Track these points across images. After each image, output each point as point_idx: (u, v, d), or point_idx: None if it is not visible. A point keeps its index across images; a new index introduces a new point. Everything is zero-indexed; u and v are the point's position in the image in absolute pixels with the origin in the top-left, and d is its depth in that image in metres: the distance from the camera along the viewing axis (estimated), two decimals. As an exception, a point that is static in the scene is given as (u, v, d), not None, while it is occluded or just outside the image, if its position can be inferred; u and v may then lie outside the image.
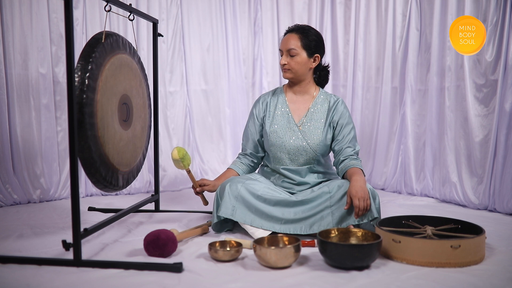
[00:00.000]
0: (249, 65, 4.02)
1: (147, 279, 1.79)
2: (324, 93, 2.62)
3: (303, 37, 2.49)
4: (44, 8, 3.15)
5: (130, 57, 2.46)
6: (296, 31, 2.52)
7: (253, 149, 2.67)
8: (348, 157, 2.45)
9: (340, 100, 2.59)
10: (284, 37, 2.55)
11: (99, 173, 2.12)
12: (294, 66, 2.50)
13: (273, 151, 2.56)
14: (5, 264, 1.93)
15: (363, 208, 2.18)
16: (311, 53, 2.51)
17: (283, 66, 2.52)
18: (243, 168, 2.65)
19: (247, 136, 2.68)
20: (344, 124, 2.53)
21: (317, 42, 2.52)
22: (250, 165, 2.68)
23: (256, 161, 2.69)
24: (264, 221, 2.33)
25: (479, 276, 1.81)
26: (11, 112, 3.07)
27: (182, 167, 2.45)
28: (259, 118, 2.63)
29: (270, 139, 2.56)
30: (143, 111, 2.61)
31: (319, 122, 2.54)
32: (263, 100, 2.66)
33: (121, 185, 2.35)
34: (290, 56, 2.49)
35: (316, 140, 2.50)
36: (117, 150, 2.26)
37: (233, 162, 2.70)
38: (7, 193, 3.07)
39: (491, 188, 2.95)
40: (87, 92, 2.02)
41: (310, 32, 2.52)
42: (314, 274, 1.85)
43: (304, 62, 2.51)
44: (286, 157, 2.54)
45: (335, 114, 2.54)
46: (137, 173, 2.57)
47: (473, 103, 3.03)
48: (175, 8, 3.70)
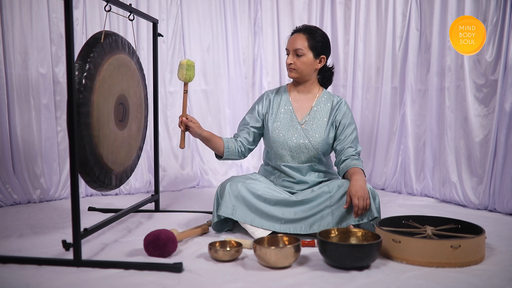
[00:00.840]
0: (249, 65, 4.02)
1: (147, 279, 1.79)
2: (327, 93, 2.63)
3: (310, 38, 2.49)
4: (44, 8, 3.15)
5: (129, 57, 2.46)
6: (304, 31, 2.52)
7: (244, 139, 2.58)
8: (350, 157, 2.46)
9: (343, 101, 2.59)
10: (291, 37, 2.55)
11: (93, 173, 2.12)
12: (300, 66, 2.50)
13: (274, 148, 2.56)
14: (5, 264, 1.93)
15: (363, 207, 2.18)
16: (318, 54, 2.51)
17: (289, 66, 2.52)
18: (231, 144, 2.52)
19: (241, 124, 2.63)
20: (346, 124, 2.53)
21: (324, 43, 2.53)
22: (239, 149, 2.56)
23: (243, 149, 2.58)
24: (264, 221, 2.33)
25: (479, 276, 1.81)
26: (11, 112, 3.08)
27: (184, 76, 2.32)
28: (260, 114, 2.62)
29: (272, 136, 2.55)
30: (139, 111, 2.61)
31: (321, 121, 2.54)
32: (266, 96, 2.65)
33: (114, 185, 2.35)
34: (296, 56, 2.49)
35: (318, 138, 2.51)
36: (112, 150, 2.26)
37: (226, 138, 2.58)
38: (7, 193, 3.07)
39: (491, 188, 2.95)
40: (84, 92, 2.02)
41: (317, 33, 2.52)
42: (314, 274, 1.85)
43: (310, 63, 2.51)
44: (288, 154, 2.54)
45: (338, 114, 2.55)
46: (130, 172, 2.57)
47: (473, 103, 3.03)
48: (175, 8, 3.70)
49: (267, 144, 2.62)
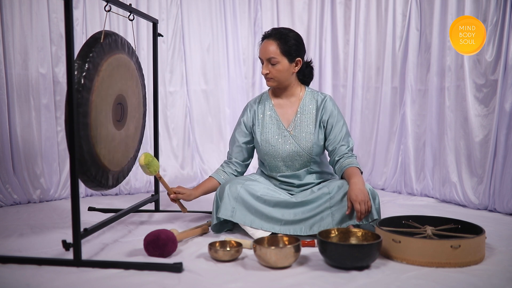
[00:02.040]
0: (249, 65, 4.02)
1: (147, 279, 1.79)
2: (310, 92, 2.55)
3: (281, 44, 2.38)
4: (44, 8, 3.15)
5: (128, 57, 2.46)
6: (274, 36, 2.41)
7: (238, 157, 2.59)
8: (343, 155, 2.41)
9: (328, 97, 2.52)
10: (262, 45, 2.44)
11: (90, 172, 2.12)
12: (276, 74, 2.42)
13: (267, 160, 2.53)
14: (5, 264, 1.93)
15: (365, 211, 2.17)
16: (292, 58, 2.42)
17: (266, 76, 2.44)
18: (225, 176, 2.55)
19: (232, 143, 2.61)
20: (334, 122, 2.47)
21: (297, 45, 2.43)
22: (233, 174, 2.58)
23: (239, 170, 2.60)
24: (264, 222, 2.32)
25: (479, 276, 1.81)
26: (11, 112, 3.08)
27: (148, 173, 2.31)
28: (248, 127, 2.57)
29: (263, 149, 2.51)
30: (137, 111, 2.60)
31: (309, 124, 2.49)
32: (250, 108, 2.59)
33: (111, 185, 2.34)
34: (271, 64, 2.41)
35: (308, 143, 2.47)
36: (109, 150, 2.25)
37: (216, 170, 2.61)
38: (7, 193, 3.07)
39: (491, 188, 2.94)
40: (82, 92, 2.01)
41: (288, 36, 2.41)
42: (314, 274, 1.85)
43: (286, 69, 2.42)
44: (282, 164, 2.51)
45: (324, 113, 2.48)
46: (127, 172, 2.56)
47: (473, 103, 3.03)
48: (175, 8, 3.70)
49: (260, 156, 2.60)
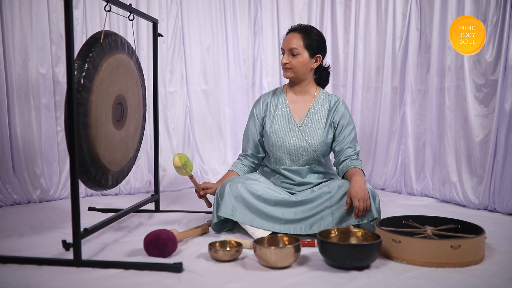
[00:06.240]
0: (249, 65, 4.02)
1: (147, 279, 1.79)
2: (325, 94, 2.62)
3: (305, 37, 2.48)
4: (44, 8, 3.15)
5: (128, 57, 2.46)
6: (299, 30, 2.52)
7: (253, 149, 2.66)
8: (349, 157, 2.45)
9: (341, 101, 2.58)
10: (286, 36, 2.54)
11: (90, 173, 2.12)
12: (295, 65, 2.49)
13: (273, 151, 2.56)
14: (5, 264, 1.93)
15: (363, 209, 2.18)
16: (313, 53, 2.51)
17: (284, 65, 2.51)
18: (244, 169, 2.65)
19: (247, 137, 2.68)
20: (345, 124, 2.53)
21: (319, 43, 2.52)
22: (251, 166, 2.68)
23: (257, 162, 2.69)
24: (264, 221, 2.32)
25: (479, 276, 1.81)
26: (11, 112, 3.07)
27: (184, 173, 2.42)
28: (260, 118, 2.63)
29: (270, 139, 2.55)
30: (137, 111, 2.60)
31: (319, 122, 2.53)
32: (263, 100, 2.65)
33: (110, 185, 2.35)
34: (292, 55, 2.49)
35: (316, 140, 2.50)
36: (109, 150, 2.25)
37: (234, 164, 2.69)
38: (7, 193, 3.07)
39: (491, 188, 2.95)
40: (82, 92, 2.01)
41: (313, 32, 2.52)
42: (314, 274, 1.85)
43: (306, 62, 2.50)
44: (287, 157, 2.54)
45: (336, 115, 2.54)
46: (127, 172, 2.56)
47: (473, 103, 3.03)
48: (175, 8, 3.70)
49: (266, 147, 2.62)
